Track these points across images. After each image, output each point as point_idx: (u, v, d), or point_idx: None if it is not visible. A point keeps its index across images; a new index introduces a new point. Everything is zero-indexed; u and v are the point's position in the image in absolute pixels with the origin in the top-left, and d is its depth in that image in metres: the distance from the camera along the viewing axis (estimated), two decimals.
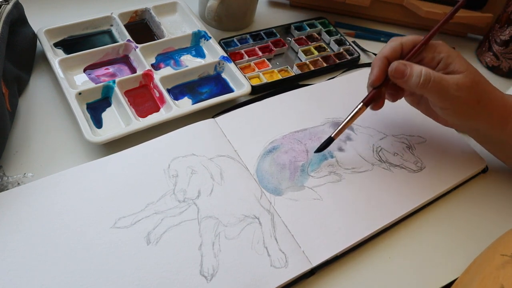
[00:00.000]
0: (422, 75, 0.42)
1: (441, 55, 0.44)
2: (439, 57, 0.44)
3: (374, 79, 0.45)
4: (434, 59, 0.44)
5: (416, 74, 0.42)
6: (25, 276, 0.37)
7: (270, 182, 0.46)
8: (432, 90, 0.43)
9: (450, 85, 0.42)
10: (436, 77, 0.42)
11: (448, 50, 0.44)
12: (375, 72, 0.45)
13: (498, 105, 0.45)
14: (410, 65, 0.43)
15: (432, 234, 0.47)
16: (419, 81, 0.42)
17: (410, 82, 0.43)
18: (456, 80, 0.42)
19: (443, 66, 0.44)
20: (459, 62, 0.43)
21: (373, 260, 0.44)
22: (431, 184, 0.49)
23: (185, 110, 0.50)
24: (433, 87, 0.42)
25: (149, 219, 0.41)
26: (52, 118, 0.50)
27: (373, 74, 0.45)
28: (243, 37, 0.63)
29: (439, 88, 0.42)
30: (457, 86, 0.42)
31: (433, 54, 0.44)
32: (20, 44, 0.51)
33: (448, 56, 0.44)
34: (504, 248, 0.39)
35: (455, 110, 0.44)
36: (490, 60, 0.68)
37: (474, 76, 0.43)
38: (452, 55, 0.44)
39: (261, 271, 0.39)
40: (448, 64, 0.43)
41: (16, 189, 0.42)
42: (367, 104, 0.46)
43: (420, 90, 0.43)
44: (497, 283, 0.36)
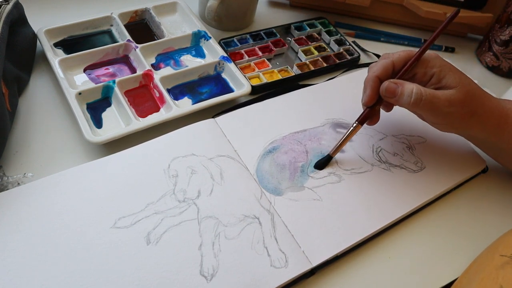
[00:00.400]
0: (413, 94, 0.42)
1: (434, 70, 0.44)
2: (431, 72, 0.44)
3: (367, 100, 0.45)
4: (426, 74, 0.44)
5: (407, 94, 0.43)
6: (25, 276, 0.37)
7: (270, 182, 0.46)
8: (424, 108, 0.43)
9: (441, 102, 0.42)
10: (428, 95, 0.42)
11: (441, 64, 0.44)
12: (368, 93, 0.45)
13: (493, 115, 0.44)
14: (401, 84, 0.43)
15: (432, 234, 0.47)
16: (410, 100, 0.43)
17: (401, 101, 0.43)
18: (449, 96, 0.42)
19: (435, 81, 0.44)
20: (452, 76, 0.43)
21: (373, 260, 0.44)
22: (431, 184, 0.49)
23: (185, 110, 0.50)
24: (424, 105, 0.42)
25: (149, 219, 0.41)
26: (52, 118, 0.50)
27: (366, 95, 0.45)
28: (243, 37, 0.63)
29: (431, 105, 0.42)
30: (449, 102, 0.42)
31: (426, 69, 0.44)
32: (20, 44, 0.51)
33: (441, 71, 0.43)
34: (503, 248, 0.39)
35: (448, 124, 0.45)
36: (490, 60, 0.68)
37: (467, 90, 0.43)
38: (445, 69, 0.43)
39: (261, 271, 0.39)
40: (441, 78, 0.43)
41: (16, 189, 0.42)
42: (362, 123, 0.47)
43: (412, 108, 0.44)
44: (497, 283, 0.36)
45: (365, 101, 0.46)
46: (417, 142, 0.53)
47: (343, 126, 0.53)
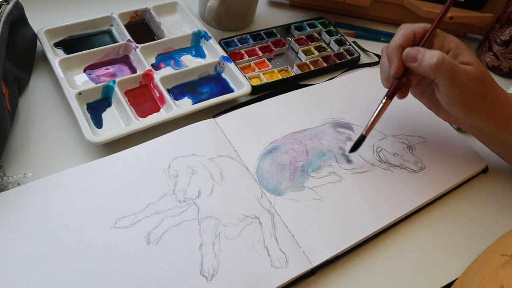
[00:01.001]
0: (435, 56, 0.42)
1: (451, 45, 0.44)
2: (449, 47, 0.44)
3: (396, 70, 0.45)
4: (443, 48, 0.44)
5: (430, 56, 0.42)
6: (25, 276, 0.37)
7: (270, 182, 0.46)
8: (445, 73, 0.42)
9: (462, 72, 0.42)
10: (450, 60, 0.42)
11: (458, 42, 0.44)
12: (395, 63, 0.45)
13: (502, 104, 0.44)
14: (423, 50, 0.43)
15: (432, 234, 0.47)
16: (432, 62, 0.42)
17: (423, 64, 0.42)
18: (468, 69, 0.42)
19: (452, 56, 0.44)
20: (469, 54, 0.43)
21: (373, 260, 0.44)
22: (431, 184, 0.49)
23: (185, 110, 0.50)
24: (446, 69, 0.42)
25: (149, 219, 0.41)
26: (52, 118, 0.50)
27: (393, 65, 0.45)
28: (243, 37, 0.63)
29: (452, 72, 0.42)
30: (468, 75, 0.42)
31: (443, 43, 0.44)
32: (20, 44, 0.51)
33: (458, 47, 0.44)
34: (504, 248, 0.39)
35: (461, 99, 0.44)
36: (490, 60, 0.68)
37: (483, 70, 0.43)
38: (462, 47, 0.44)
39: (261, 271, 0.39)
40: (458, 54, 0.44)
41: (16, 189, 0.42)
42: (391, 97, 0.46)
43: (433, 72, 0.42)
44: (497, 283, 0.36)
45: (394, 71, 0.45)
46: (417, 142, 0.53)
47: (344, 126, 0.53)
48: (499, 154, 0.51)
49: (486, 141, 0.50)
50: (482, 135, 0.49)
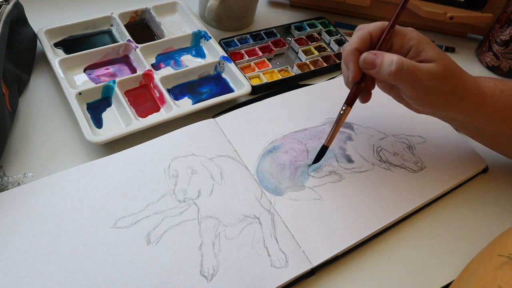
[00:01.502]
0: (394, 63, 0.39)
1: (411, 43, 0.41)
2: (409, 45, 0.41)
3: (353, 75, 0.43)
4: (404, 47, 0.42)
5: (388, 63, 0.40)
6: (25, 276, 0.37)
7: (270, 182, 0.46)
8: (405, 79, 0.40)
9: (423, 74, 0.40)
10: (409, 65, 0.40)
11: (419, 37, 0.42)
12: (352, 68, 0.42)
13: (472, 93, 0.43)
14: (380, 54, 0.41)
15: (432, 234, 0.47)
16: (391, 69, 0.40)
17: (382, 71, 0.40)
18: (430, 68, 0.40)
19: (414, 54, 0.42)
20: (431, 49, 0.41)
21: (373, 260, 0.44)
22: (431, 184, 0.49)
23: (185, 110, 0.50)
24: (406, 76, 0.40)
25: (149, 219, 0.41)
26: (52, 118, 0.50)
27: (350, 71, 0.43)
28: (243, 37, 0.63)
29: (412, 77, 0.40)
30: (430, 75, 0.40)
31: (403, 41, 0.42)
32: (20, 44, 0.51)
33: (419, 43, 0.41)
34: (501, 248, 0.39)
35: (427, 100, 0.42)
36: (490, 60, 0.68)
37: (447, 64, 0.41)
38: (423, 42, 0.41)
39: (261, 271, 0.39)
40: (419, 51, 0.41)
41: (16, 189, 0.42)
42: (351, 104, 0.44)
43: (392, 79, 0.40)
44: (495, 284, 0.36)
45: (351, 76, 0.43)
46: (417, 142, 0.53)
47: (344, 125, 0.53)
48: (474, 138, 0.50)
49: (459, 127, 0.49)
50: (455, 122, 0.48)
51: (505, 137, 0.46)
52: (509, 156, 0.51)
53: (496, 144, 0.50)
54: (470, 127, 0.48)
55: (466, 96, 0.42)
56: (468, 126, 0.48)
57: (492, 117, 0.44)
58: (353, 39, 0.43)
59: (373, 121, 0.53)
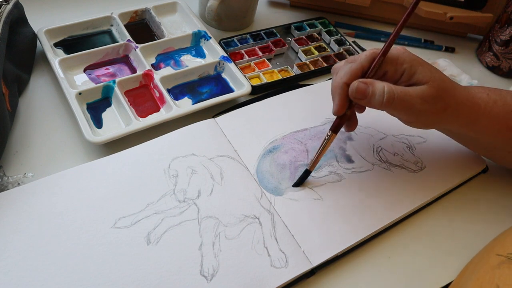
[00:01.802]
0: (385, 93, 0.40)
1: (404, 66, 0.41)
2: (402, 69, 0.42)
3: (337, 109, 0.43)
4: (397, 71, 0.42)
5: (379, 93, 0.40)
6: (25, 276, 0.37)
7: (270, 182, 0.46)
8: (397, 108, 0.41)
9: (414, 99, 0.40)
10: (400, 93, 0.40)
11: (410, 59, 0.42)
12: (337, 102, 0.43)
13: (465, 106, 0.43)
14: (371, 83, 0.41)
15: (432, 234, 0.47)
16: (383, 100, 0.40)
17: (373, 102, 0.41)
18: (421, 92, 0.40)
19: (406, 78, 0.42)
20: (423, 71, 0.41)
21: (373, 260, 0.44)
22: (431, 184, 0.49)
23: (185, 110, 0.50)
24: (397, 104, 0.40)
25: (149, 219, 0.41)
26: (52, 118, 0.50)
27: (335, 104, 0.43)
28: (243, 37, 0.63)
29: (404, 104, 0.40)
30: (421, 99, 0.40)
31: (396, 66, 0.42)
32: (20, 44, 0.51)
33: (411, 66, 0.41)
34: (500, 248, 0.39)
35: (420, 121, 0.43)
36: (490, 60, 0.68)
37: (439, 84, 0.41)
38: (415, 65, 0.41)
39: (261, 271, 0.39)
40: (412, 74, 0.41)
41: (16, 189, 0.42)
42: (336, 131, 0.44)
43: (384, 108, 0.41)
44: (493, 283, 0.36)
45: (335, 110, 0.43)
46: (417, 142, 0.53)
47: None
48: (469, 147, 0.51)
49: (454, 138, 0.50)
50: (450, 133, 0.49)
51: (500, 147, 0.47)
52: (505, 165, 0.51)
53: (492, 153, 0.50)
54: (464, 138, 0.48)
55: (460, 111, 0.43)
56: (462, 137, 0.48)
57: (486, 128, 0.44)
58: (344, 72, 0.42)
59: (373, 121, 0.53)
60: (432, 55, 0.68)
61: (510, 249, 0.38)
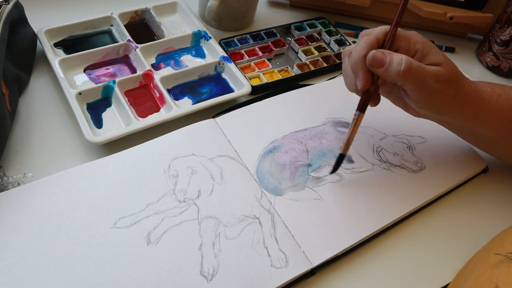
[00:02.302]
0: (403, 62, 0.39)
1: (417, 46, 0.41)
2: (415, 49, 0.42)
3: (363, 83, 0.42)
4: (409, 51, 0.42)
5: (397, 62, 0.39)
6: (25, 276, 0.37)
7: (270, 182, 0.46)
8: (413, 80, 0.40)
9: (429, 76, 0.40)
10: (417, 65, 0.40)
11: (424, 41, 0.42)
12: (361, 76, 0.42)
13: (472, 98, 0.43)
14: (389, 53, 0.40)
15: (432, 234, 0.47)
16: (400, 69, 0.39)
17: (390, 70, 0.40)
18: (436, 71, 0.40)
19: (419, 58, 0.41)
20: (436, 54, 0.41)
21: (373, 260, 0.44)
22: (431, 184, 0.49)
23: (185, 110, 0.50)
24: (414, 76, 0.39)
25: (149, 219, 0.41)
26: (52, 118, 0.50)
27: (360, 79, 0.42)
28: (243, 37, 0.63)
29: (419, 78, 0.40)
30: (436, 77, 0.40)
31: (408, 45, 0.42)
32: (20, 44, 0.51)
33: (424, 47, 0.41)
34: (498, 247, 0.39)
35: (430, 103, 0.42)
36: (490, 60, 0.68)
37: (452, 68, 0.41)
38: (428, 46, 0.41)
39: (261, 271, 0.39)
40: (425, 55, 0.41)
41: (16, 189, 0.42)
42: (363, 110, 0.44)
43: (401, 79, 0.40)
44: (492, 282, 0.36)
45: (361, 85, 0.42)
46: (417, 142, 0.53)
47: (344, 125, 0.53)
48: (471, 142, 0.51)
49: (456, 132, 0.50)
50: (452, 127, 0.49)
51: (502, 142, 0.47)
52: (505, 161, 0.51)
53: (493, 148, 0.50)
54: (467, 131, 0.48)
55: (467, 102, 0.43)
56: (465, 130, 0.48)
57: (490, 121, 0.44)
58: (361, 46, 0.42)
59: (373, 121, 0.53)
60: None
61: (509, 248, 0.38)
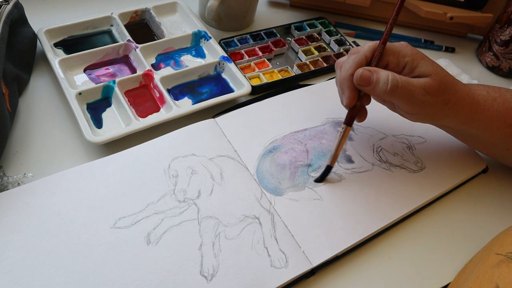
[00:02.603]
0: (389, 80, 0.41)
1: (406, 59, 0.42)
2: (404, 62, 0.42)
3: (348, 101, 0.43)
4: (399, 64, 0.43)
5: (383, 81, 0.41)
6: (25, 276, 0.37)
7: (270, 182, 0.46)
8: (400, 96, 0.41)
9: (417, 89, 0.41)
10: (404, 82, 0.41)
11: (413, 53, 0.43)
12: (347, 94, 0.43)
13: (466, 102, 0.44)
14: (376, 71, 0.42)
15: (432, 234, 0.47)
16: (387, 87, 0.41)
17: (377, 89, 0.41)
18: (423, 84, 0.41)
19: (408, 71, 0.42)
20: (425, 65, 0.42)
21: (373, 260, 0.44)
22: (431, 184, 0.49)
23: (185, 110, 0.50)
24: (401, 92, 0.41)
25: (149, 219, 0.41)
26: (52, 118, 0.50)
27: (345, 96, 0.43)
28: (243, 37, 0.63)
29: (407, 93, 0.41)
30: (424, 90, 0.41)
31: (398, 58, 0.43)
32: (20, 44, 0.51)
33: (413, 60, 0.42)
34: (499, 247, 0.39)
35: (421, 114, 0.43)
36: (490, 60, 0.68)
37: (441, 77, 0.42)
38: (417, 58, 0.42)
39: (261, 271, 0.39)
40: (414, 67, 0.42)
41: (16, 189, 0.42)
42: (350, 124, 0.45)
43: (388, 96, 0.42)
44: (492, 282, 0.36)
45: (346, 102, 0.44)
46: (417, 142, 0.53)
47: None
48: (468, 144, 0.51)
49: (454, 134, 0.50)
50: (449, 130, 0.49)
51: (499, 144, 0.47)
52: (504, 162, 0.51)
53: (491, 150, 0.50)
54: (464, 134, 0.49)
55: (460, 106, 0.43)
56: (462, 133, 0.49)
57: (486, 124, 0.45)
58: (349, 64, 0.43)
59: (373, 121, 0.53)
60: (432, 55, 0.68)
61: (509, 248, 0.38)
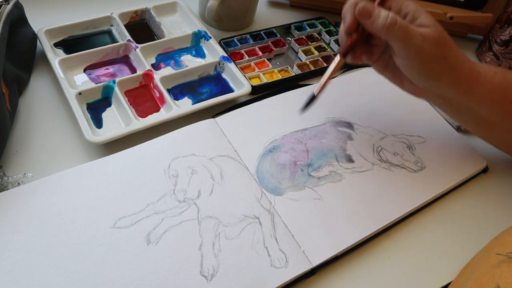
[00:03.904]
0: (389, 17, 0.41)
1: (408, 8, 0.43)
2: (406, 10, 0.43)
3: (348, 25, 0.44)
4: (401, 12, 0.44)
5: (383, 16, 0.41)
6: (25, 276, 0.37)
7: (270, 182, 0.46)
8: (398, 35, 0.41)
9: (416, 33, 0.41)
10: (403, 22, 0.41)
11: (415, 5, 0.43)
12: (348, 19, 0.44)
13: (465, 68, 0.44)
14: (378, 8, 0.42)
15: (432, 234, 0.47)
16: (386, 22, 0.41)
17: (376, 23, 0.42)
18: (423, 31, 0.42)
19: (409, 20, 0.43)
20: (427, 17, 0.43)
21: (373, 260, 0.44)
22: (431, 184, 0.49)
23: (185, 110, 0.50)
24: (398, 31, 0.41)
25: (149, 219, 0.41)
26: (52, 118, 0.50)
27: (346, 21, 0.44)
28: (243, 37, 0.63)
29: (405, 34, 0.41)
30: (422, 36, 0.41)
31: (400, 6, 0.43)
32: (20, 44, 0.51)
33: (415, 11, 0.43)
34: (499, 247, 0.39)
35: (420, 62, 0.43)
36: (491, 60, 0.68)
37: (442, 32, 0.42)
38: (419, 10, 0.43)
39: (261, 271, 0.39)
40: (415, 18, 0.43)
41: (16, 189, 0.42)
42: (345, 55, 0.45)
43: (385, 32, 0.42)
44: (493, 282, 0.36)
45: (346, 26, 0.44)
46: (417, 142, 0.53)
47: (344, 125, 0.53)
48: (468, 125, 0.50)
49: (454, 112, 0.49)
50: (449, 105, 0.48)
51: (498, 122, 0.46)
52: (506, 150, 0.51)
53: (492, 132, 0.49)
54: (463, 109, 0.47)
55: (459, 69, 0.43)
56: (461, 108, 0.47)
57: (485, 97, 0.44)
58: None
59: (373, 121, 0.53)
60: None
61: (510, 248, 0.38)
